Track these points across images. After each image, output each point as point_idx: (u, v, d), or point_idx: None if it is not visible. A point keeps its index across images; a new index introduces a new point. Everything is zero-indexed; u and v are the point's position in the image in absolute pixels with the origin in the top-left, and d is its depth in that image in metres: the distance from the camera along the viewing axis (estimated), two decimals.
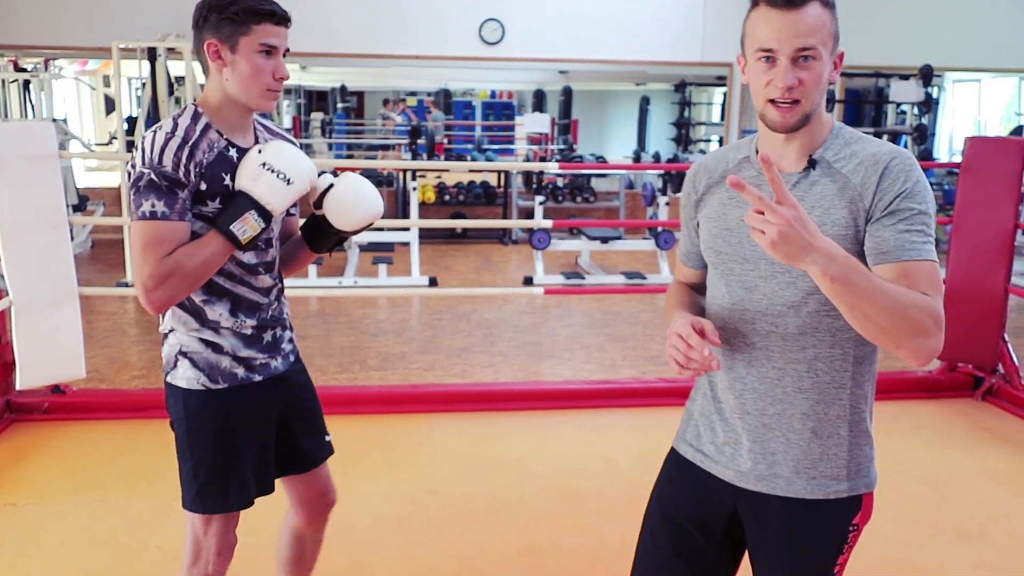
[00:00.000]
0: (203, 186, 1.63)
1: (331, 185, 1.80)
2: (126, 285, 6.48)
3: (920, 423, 3.95)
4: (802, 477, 1.43)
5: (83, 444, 3.55)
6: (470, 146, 13.68)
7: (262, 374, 1.80)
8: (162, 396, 1.82)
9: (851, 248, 1.34)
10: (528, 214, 9.40)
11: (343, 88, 14.54)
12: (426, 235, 7.72)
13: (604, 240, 7.44)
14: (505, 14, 9.26)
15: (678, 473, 1.58)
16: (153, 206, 1.58)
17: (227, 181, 1.66)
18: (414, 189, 7.24)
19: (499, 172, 9.89)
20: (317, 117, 12.96)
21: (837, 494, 1.43)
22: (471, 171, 10.32)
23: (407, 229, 7.48)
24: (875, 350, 1.45)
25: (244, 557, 2.04)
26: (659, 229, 7.31)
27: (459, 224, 5.54)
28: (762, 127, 1.41)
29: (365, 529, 2.89)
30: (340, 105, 14.33)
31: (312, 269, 6.74)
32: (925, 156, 8.06)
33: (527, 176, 8.93)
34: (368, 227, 1.87)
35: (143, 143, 1.60)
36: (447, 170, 10.39)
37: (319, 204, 1.81)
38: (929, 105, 7.82)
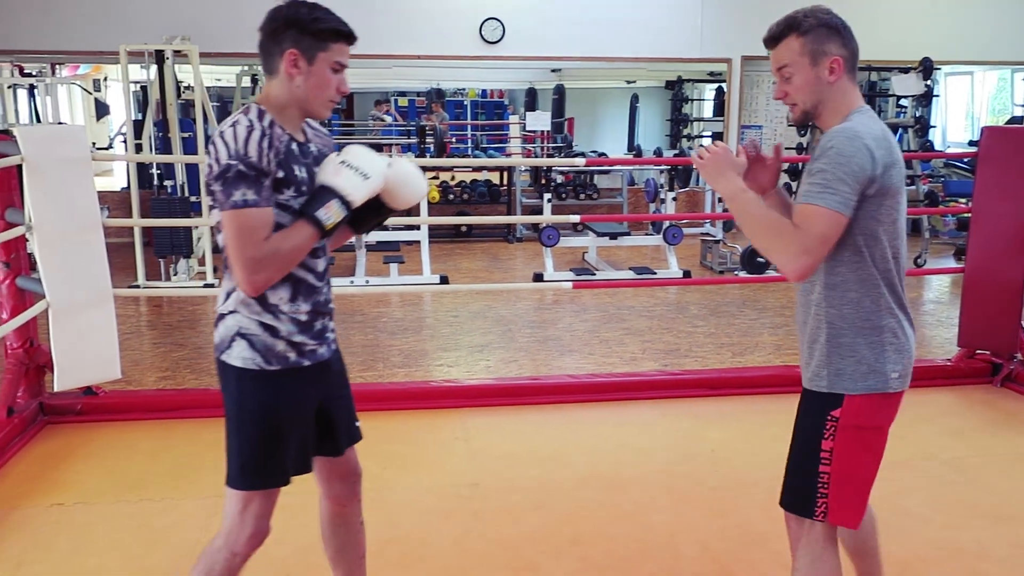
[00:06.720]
0: (280, 174, 1.73)
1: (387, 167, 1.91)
2: (138, 287, 6.46)
3: (942, 410, 4.01)
4: (805, 371, 1.90)
5: (120, 445, 3.57)
6: (463, 145, 13.69)
7: (310, 360, 1.87)
8: (193, 397, 1.88)
9: None
10: (533, 212, 9.43)
11: None
12: (431, 234, 7.75)
13: (613, 236, 7.48)
14: (505, 13, 9.30)
15: None
16: (244, 195, 1.67)
17: (296, 172, 1.77)
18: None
19: (501, 170, 9.91)
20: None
21: (817, 387, 1.84)
22: (478, 168, 10.32)
23: (415, 228, 7.49)
24: (851, 280, 1.77)
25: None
26: (666, 224, 7.34)
27: (471, 221, 5.58)
28: None
29: (413, 524, 2.92)
30: None
31: None
32: (926, 148, 8.13)
33: (534, 173, 8.97)
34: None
35: (223, 137, 1.68)
36: (484, 167, 10.45)
37: None
38: (929, 98, 7.89)
